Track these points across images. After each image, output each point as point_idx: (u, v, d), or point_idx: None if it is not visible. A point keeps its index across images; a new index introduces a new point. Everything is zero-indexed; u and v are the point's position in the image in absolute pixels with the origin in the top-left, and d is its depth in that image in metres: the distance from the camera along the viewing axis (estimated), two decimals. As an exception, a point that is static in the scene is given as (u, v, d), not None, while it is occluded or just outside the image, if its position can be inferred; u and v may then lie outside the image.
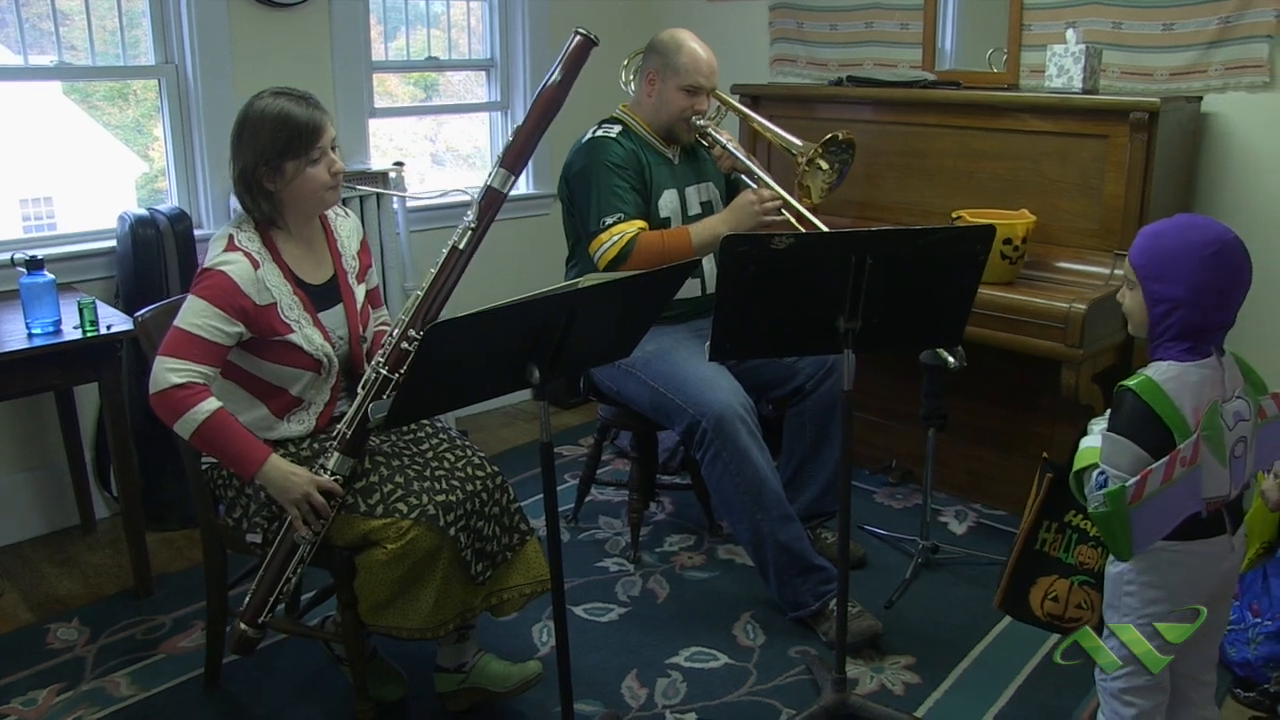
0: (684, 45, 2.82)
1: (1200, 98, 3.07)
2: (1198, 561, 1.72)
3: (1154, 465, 1.60)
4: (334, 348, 2.18)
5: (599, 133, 2.83)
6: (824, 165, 2.78)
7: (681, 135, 2.88)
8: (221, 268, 2.05)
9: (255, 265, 2.07)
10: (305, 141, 2.06)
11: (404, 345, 2.04)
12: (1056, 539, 1.88)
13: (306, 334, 2.13)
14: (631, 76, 3.06)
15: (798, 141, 2.80)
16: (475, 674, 2.28)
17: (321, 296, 2.20)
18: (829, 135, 2.77)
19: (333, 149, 2.12)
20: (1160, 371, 1.68)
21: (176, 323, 2.03)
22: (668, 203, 2.84)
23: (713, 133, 2.87)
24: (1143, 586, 1.73)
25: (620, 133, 2.83)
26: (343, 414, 2.15)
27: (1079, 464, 1.75)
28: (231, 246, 2.08)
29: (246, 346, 2.10)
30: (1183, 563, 1.71)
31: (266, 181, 2.08)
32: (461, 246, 2.09)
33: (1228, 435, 1.67)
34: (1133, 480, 1.60)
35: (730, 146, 2.86)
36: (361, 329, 2.27)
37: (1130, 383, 1.68)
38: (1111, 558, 1.77)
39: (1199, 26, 3.03)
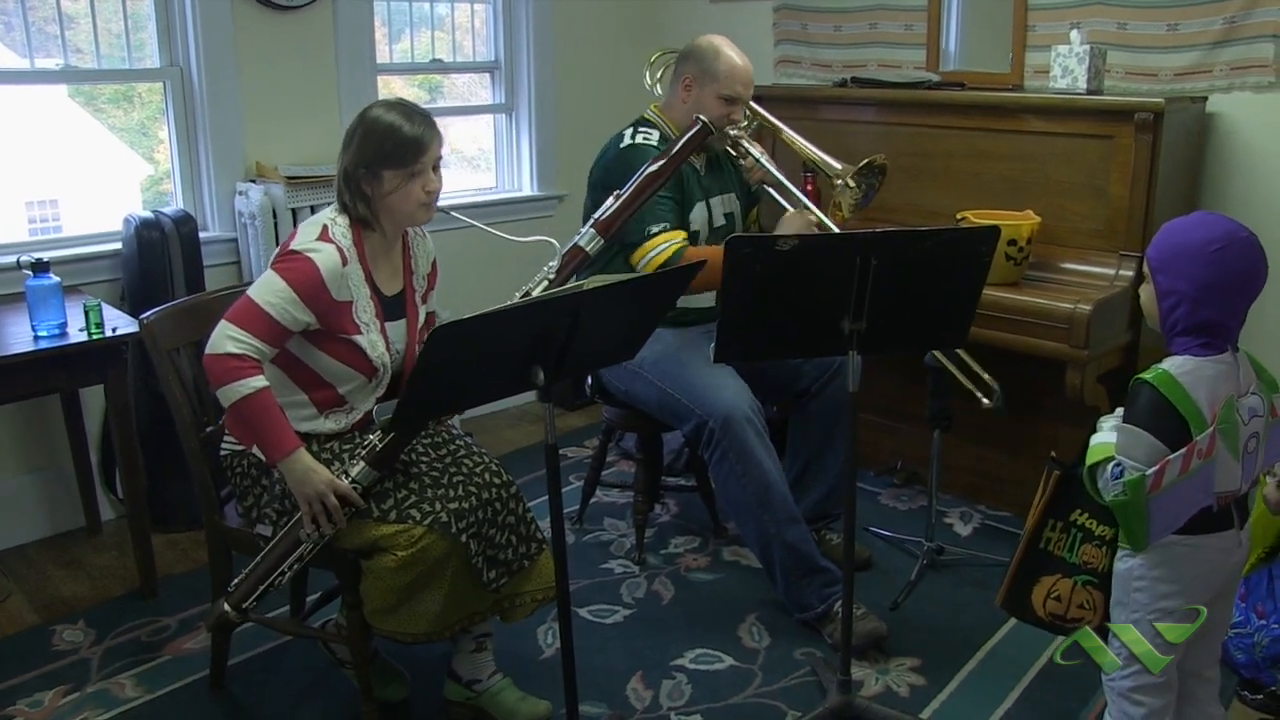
0: (722, 53, 2.77)
1: (1205, 98, 3.06)
2: (1207, 555, 1.73)
3: (1172, 456, 1.62)
4: (390, 359, 2.19)
5: (639, 139, 2.76)
6: (851, 184, 2.76)
7: (714, 143, 2.80)
8: (311, 255, 2.05)
9: (343, 261, 2.08)
10: (407, 155, 2.07)
11: None
12: (1061, 538, 1.89)
13: (372, 339, 2.13)
14: (657, 77, 3.02)
15: (836, 165, 2.77)
16: (485, 698, 2.28)
17: (391, 307, 2.20)
18: (865, 160, 2.74)
19: (434, 169, 2.13)
20: (1176, 365, 1.69)
21: (251, 293, 2.04)
22: (698, 215, 2.82)
23: (745, 143, 2.82)
24: (1153, 582, 1.73)
25: (659, 140, 2.76)
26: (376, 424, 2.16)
27: (1092, 458, 1.75)
28: (325, 236, 2.09)
29: (309, 336, 2.10)
30: (1193, 556, 1.72)
31: (364, 184, 2.10)
32: (535, 294, 2.12)
33: (1242, 430, 1.69)
34: (1152, 470, 1.62)
35: (763, 160, 2.81)
36: (416, 348, 2.26)
37: (1147, 376, 1.69)
38: (1120, 555, 1.78)
39: (1204, 26, 3.03)
